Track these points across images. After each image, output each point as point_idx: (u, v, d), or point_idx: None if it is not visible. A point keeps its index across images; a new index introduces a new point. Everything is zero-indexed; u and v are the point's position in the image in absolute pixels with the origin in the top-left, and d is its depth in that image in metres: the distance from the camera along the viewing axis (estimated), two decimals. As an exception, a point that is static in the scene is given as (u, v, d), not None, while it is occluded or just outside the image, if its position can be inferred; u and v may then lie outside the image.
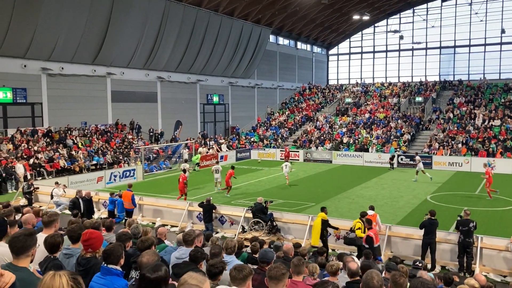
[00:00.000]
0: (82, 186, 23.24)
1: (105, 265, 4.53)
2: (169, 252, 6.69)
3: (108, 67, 32.76)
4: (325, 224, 13.70)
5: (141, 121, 35.02)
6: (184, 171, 22.28)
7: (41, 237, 5.01)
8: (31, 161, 24.96)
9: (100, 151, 29.02)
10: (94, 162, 27.59)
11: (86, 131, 31.09)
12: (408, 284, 4.71)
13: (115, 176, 26.13)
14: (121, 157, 29.29)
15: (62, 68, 29.79)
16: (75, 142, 29.07)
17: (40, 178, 24.11)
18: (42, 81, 29.15)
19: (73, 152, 27.53)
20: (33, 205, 18.32)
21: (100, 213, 18.26)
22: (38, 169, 24.77)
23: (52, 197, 19.36)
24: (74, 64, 30.50)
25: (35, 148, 26.31)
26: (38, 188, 20.62)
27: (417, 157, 28.01)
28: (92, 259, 4.88)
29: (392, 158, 31.90)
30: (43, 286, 2.37)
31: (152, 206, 18.34)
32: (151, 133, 35.25)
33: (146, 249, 4.96)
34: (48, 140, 27.99)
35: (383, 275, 6.91)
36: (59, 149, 27.14)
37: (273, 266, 4.02)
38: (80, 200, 15.92)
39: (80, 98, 31.11)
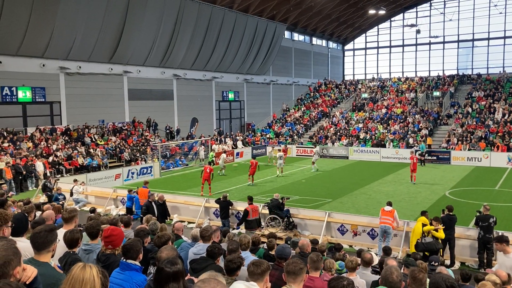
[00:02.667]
0: (100, 183, 23.56)
1: (124, 260, 4.57)
2: (185, 248, 6.72)
3: (124, 65, 33.06)
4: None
5: (158, 119, 35.30)
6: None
7: (61, 233, 5.09)
8: (50, 159, 25.36)
9: (118, 149, 29.36)
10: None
11: (104, 129, 31.45)
12: (428, 279, 4.66)
13: (133, 173, 26.38)
14: (138, 155, 29.55)
15: (80, 67, 30.16)
16: (93, 140, 29.44)
17: (59, 175, 24.48)
18: (60, 80, 29.56)
19: (93, 150, 27.88)
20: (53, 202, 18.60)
21: (118, 210, 18.48)
22: (57, 166, 25.15)
23: (72, 194, 19.67)
24: (91, 63, 30.87)
25: (54, 146, 26.73)
26: (58, 179, 21.13)
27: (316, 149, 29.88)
28: (112, 256, 4.93)
29: (423, 154, 31.19)
30: (73, 277, 2.40)
31: (169, 203, 18.42)
32: (168, 131, 35.50)
33: (163, 244, 4.99)
34: (66, 138, 28.41)
35: (402, 271, 6.84)
36: (77, 147, 27.53)
37: (290, 261, 4.01)
38: (153, 204, 15.22)
39: (97, 96, 31.49)
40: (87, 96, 30.89)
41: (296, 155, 37.25)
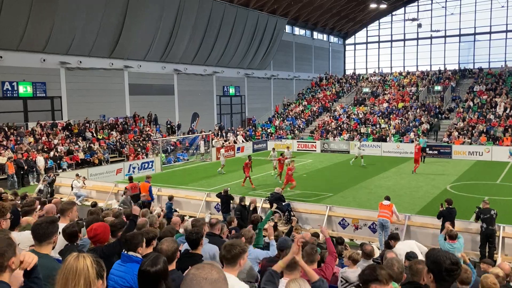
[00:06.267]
0: (101, 178, 23.59)
1: (126, 252, 4.57)
2: (178, 242, 6.71)
3: (125, 60, 33.01)
4: None
5: (159, 114, 35.27)
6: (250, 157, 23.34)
7: (60, 226, 5.09)
8: (51, 153, 25.38)
9: (118, 144, 29.37)
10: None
11: (105, 124, 31.45)
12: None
13: (134, 168, 26.40)
14: (139, 149, 29.54)
15: (80, 62, 30.11)
16: (94, 135, 29.44)
17: (60, 170, 24.49)
18: (61, 75, 29.53)
19: (92, 145, 27.89)
20: (54, 196, 18.65)
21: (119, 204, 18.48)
22: (58, 161, 25.16)
23: (72, 188, 19.71)
24: (92, 57, 30.81)
25: (55, 141, 26.74)
26: (58, 174, 21.26)
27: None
28: (97, 249, 4.94)
29: (422, 150, 30.04)
30: (66, 267, 2.38)
31: (171, 197, 18.50)
32: (168, 125, 35.48)
33: (148, 241, 4.97)
34: (67, 133, 28.41)
35: (403, 263, 6.83)
36: (78, 142, 27.54)
37: (287, 252, 3.99)
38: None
39: (98, 91, 31.45)
40: (87, 91, 30.85)
41: (297, 150, 37.23)
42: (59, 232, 4.46)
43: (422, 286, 3.62)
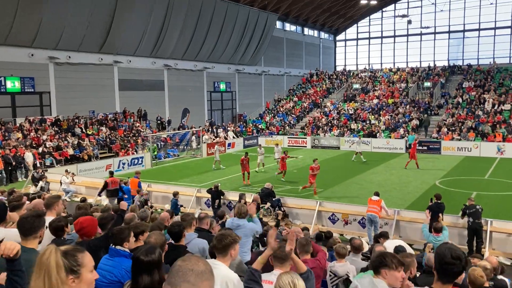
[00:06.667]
0: (91, 173, 23.43)
1: (113, 246, 4.54)
2: (167, 238, 6.69)
3: (114, 55, 32.76)
4: None
5: (149, 109, 35.08)
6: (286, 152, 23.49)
7: (47, 220, 5.05)
8: (40, 149, 25.15)
9: (108, 139, 29.18)
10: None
11: (94, 119, 31.21)
12: (416, 263, 4.71)
13: (124, 164, 26.26)
14: (128, 145, 29.38)
15: (69, 57, 29.83)
16: (83, 130, 29.21)
17: (49, 165, 24.28)
18: (50, 70, 29.24)
19: (81, 141, 27.67)
20: (43, 192, 18.47)
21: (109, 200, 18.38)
22: (47, 157, 24.93)
23: (61, 184, 19.57)
24: (81, 52, 30.53)
25: (44, 137, 26.49)
26: (46, 170, 21.05)
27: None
28: (84, 242, 4.90)
29: (411, 146, 30.48)
30: (36, 260, 2.33)
31: (161, 193, 18.46)
32: (158, 121, 35.32)
33: (136, 235, 4.95)
34: (56, 129, 28.16)
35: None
36: (67, 138, 27.31)
37: (278, 246, 3.99)
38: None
39: (87, 86, 31.19)
40: (77, 86, 30.57)
41: (288, 146, 37.28)
42: (46, 227, 4.43)
43: (409, 278, 3.66)
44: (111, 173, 18.00)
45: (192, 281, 2.02)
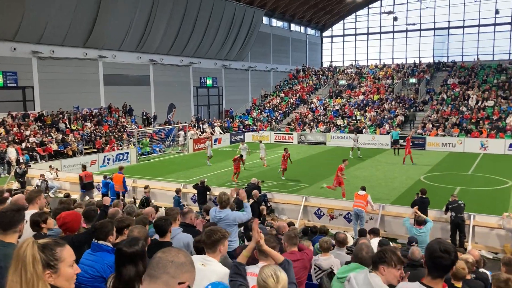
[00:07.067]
0: (75, 169, 23.15)
1: (96, 241, 4.49)
2: (150, 233, 6.64)
3: (99, 50, 32.35)
4: None
5: (134, 105, 34.76)
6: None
7: (28, 214, 4.97)
8: (23, 145, 24.78)
9: (93, 135, 28.87)
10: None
11: (79, 115, 30.85)
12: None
13: (109, 159, 26.03)
14: (109, 141, 29.10)
15: (53, 51, 29.38)
16: (68, 126, 28.85)
17: (33, 162, 23.96)
18: (33, 64, 28.77)
19: (66, 136, 27.32)
20: (26, 188, 18.23)
21: (94, 196, 18.21)
22: (30, 153, 24.59)
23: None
24: (65, 47, 30.09)
25: (27, 132, 26.10)
26: (30, 166, 20.76)
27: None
28: (68, 237, 4.84)
29: (395, 142, 30.26)
30: (14, 253, 2.28)
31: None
32: (144, 117, 35.04)
33: (121, 229, 4.90)
34: (40, 124, 27.76)
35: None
36: (51, 133, 26.95)
37: (265, 238, 3.99)
38: None
39: (72, 81, 30.77)
40: (61, 81, 30.15)
41: (275, 141, 37.34)
42: (26, 221, 4.35)
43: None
44: (84, 167, 18.10)
45: (172, 272, 1.99)
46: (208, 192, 16.09)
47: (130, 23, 32.68)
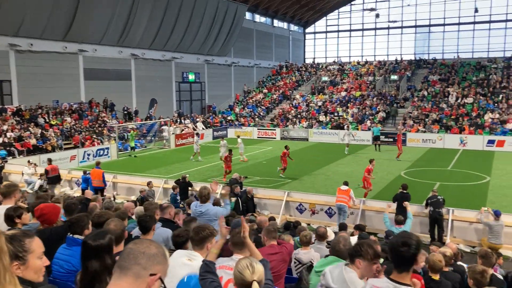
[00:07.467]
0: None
1: (71, 235, 4.40)
2: (130, 229, 6.56)
3: (80, 43, 31.80)
4: None
5: (115, 99, 34.31)
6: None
7: (2, 209, 4.87)
8: (0, 140, 24.26)
9: (73, 130, 28.43)
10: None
11: (58, 109, 30.33)
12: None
13: (89, 154, 25.68)
14: (94, 136, 28.72)
15: (32, 45, 28.76)
16: (47, 120, 28.34)
17: (11, 157, 23.47)
18: (10, 57, 28.10)
19: (45, 131, 26.84)
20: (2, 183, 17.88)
21: (74, 192, 17.98)
22: (8, 148, 24.09)
23: (22, 175, 19.02)
24: (44, 40, 29.48)
25: (4, 127, 25.55)
26: (6, 161, 20.38)
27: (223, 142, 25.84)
28: (46, 230, 4.74)
29: (376, 139, 30.65)
30: None
31: (126, 184, 18.15)
32: (125, 112, 34.64)
33: (99, 224, 4.82)
34: (18, 119, 27.21)
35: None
36: (30, 128, 26.44)
37: (235, 232, 3.96)
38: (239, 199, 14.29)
39: (51, 75, 30.18)
40: (40, 75, 29.54)
41: (258, 137, 37.34)
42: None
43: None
44: (50, 160, 18.00)
45: (143, 264, 1.94)
46: (190, 188, 15.99)
47: (111, 17, 32.20)
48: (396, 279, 3.03)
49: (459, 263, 7.37)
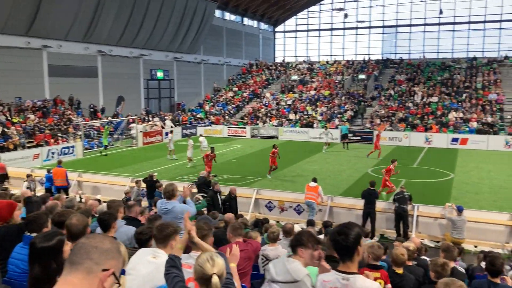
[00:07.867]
0: (17, 163, 22.07)
1: (28, 234, 4.23)
2: (92, 227, 6.40)
3: (43, 39, 30.83)
4: None
5: (81, 97, 33.49)
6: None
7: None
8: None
9: (36, 128, 27.57)
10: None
11: (21, 106, 29.35)
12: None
13: (53, 153, 24.99)
14: (59, 134, 27.95)
15: (-8, 39, 27.76)
16: (9, 118, 27.39)
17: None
18: (-30, 52, 27.05)
19: (6, 129, 25.93)
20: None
21: (37, 191, 17.42)
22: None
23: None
24: (5, 35, 28.41)
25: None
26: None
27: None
28: (2, 228, 4.55)
29: (344, 137, 30.99)
30: None
31: (92, 183, 17.75)
32: (92, 109, 33.86)
33: (60, 224, 4.66)
34: (-22, 116, 26.21)
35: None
36: (-10, 126, 25.50)
37: (196, 226, 3.90)
38: (219, 196, 13.77)
39: (13, 71, 29.10)
40: (1, 71, 28.43)
41: (228, 135, 37.21)
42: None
43: (334, 258, 3.68)
44: None
45: (96, 259, 1.85)
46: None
47: (77, 12, 31.36)
48: (342, 269, 3.06)
49: (423, 257, 7.52)
